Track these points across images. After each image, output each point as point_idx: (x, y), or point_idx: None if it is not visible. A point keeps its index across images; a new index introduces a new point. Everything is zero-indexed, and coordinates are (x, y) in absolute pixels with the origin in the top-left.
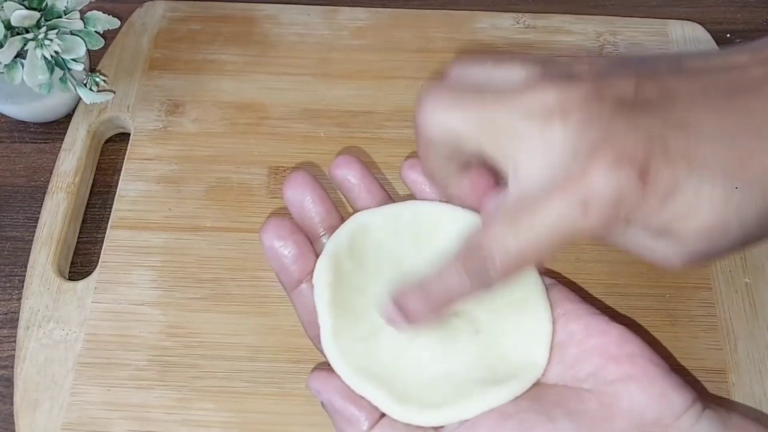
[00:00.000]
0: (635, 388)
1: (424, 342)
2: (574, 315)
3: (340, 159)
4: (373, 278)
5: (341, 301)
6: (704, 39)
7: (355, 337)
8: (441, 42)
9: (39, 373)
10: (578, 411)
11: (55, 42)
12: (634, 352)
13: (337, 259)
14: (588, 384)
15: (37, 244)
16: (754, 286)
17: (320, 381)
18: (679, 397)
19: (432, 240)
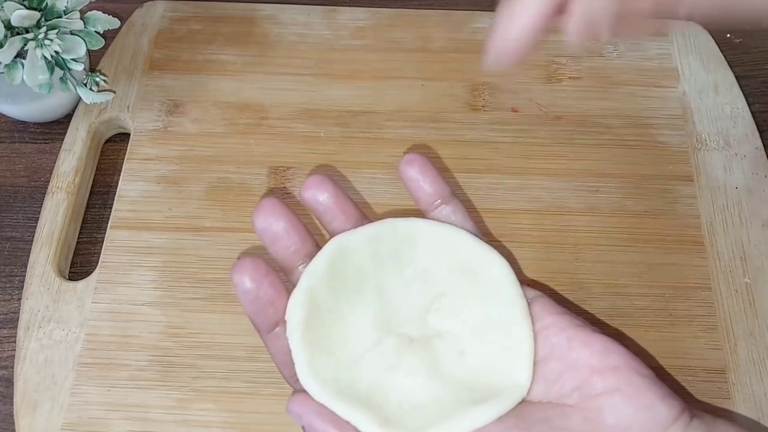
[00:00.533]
0: (620, 401)
1: (407, 367)
2: (557, 328)
3: (311, 180)
4: (354, 303)
5: (317, 335)
6: (704, 39)
7: (335, 368)
8: (441, 42)
9: (39, 374)
10: (562, 428)
11: (56, 42)
12: (619, 363)
13: (311, 294)
14: (572, 399)
15: (37, 244)
16: (753, 286)
17: (300, 404)
18: (666, 408)
19: (412, 259)
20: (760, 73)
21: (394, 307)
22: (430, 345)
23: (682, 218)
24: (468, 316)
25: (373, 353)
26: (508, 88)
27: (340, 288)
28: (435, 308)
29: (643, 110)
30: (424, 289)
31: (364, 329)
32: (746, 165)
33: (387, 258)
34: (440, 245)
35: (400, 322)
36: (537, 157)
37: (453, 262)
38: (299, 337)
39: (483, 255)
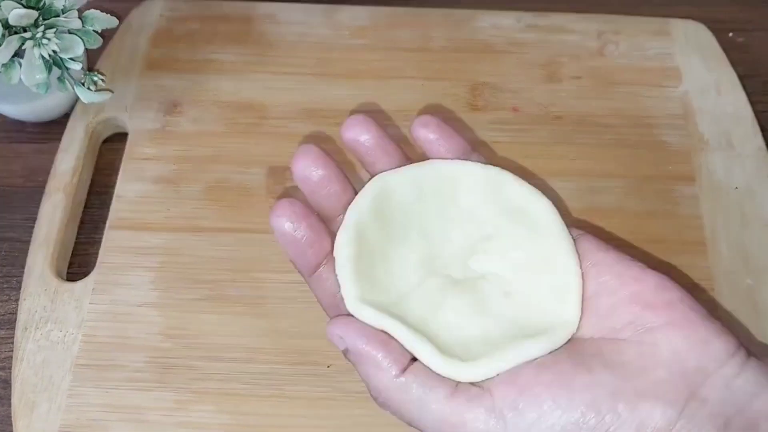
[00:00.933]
0: (675, 334)
1: (453, 306)
2: (605, 264)
3: (352, 120)
4: (398, 243)
5: (365, 271)
6: (706, 38)
7: (383, 304)
8: (441, 41)
9: (36, 375)
10: (616, 361)
11: (53, 41)
12: (673, 299)
13: (358, 230)
14: (625, 334)
15: (34, 244)
16: (756, 287)
17: (342, 326)
18: (722, 343)
19: (455, 200)
20: (763, 72)
21: (437, 249)
22: (476, 286)
23: (683, 219)
24: (513, 257)
25: (418, 292)
26: (509, 88)
27: (385, 227)
28: (480, 250)
29: (644, 110)
30: (469, 231)
31: (408, 269)
32: (748, 165)
33: (431, 199)
34: (483, 187)
35: (445, 263)
36: (537, 156)
37: (497, 203)
38: (349, 272)
39: (527, 195)
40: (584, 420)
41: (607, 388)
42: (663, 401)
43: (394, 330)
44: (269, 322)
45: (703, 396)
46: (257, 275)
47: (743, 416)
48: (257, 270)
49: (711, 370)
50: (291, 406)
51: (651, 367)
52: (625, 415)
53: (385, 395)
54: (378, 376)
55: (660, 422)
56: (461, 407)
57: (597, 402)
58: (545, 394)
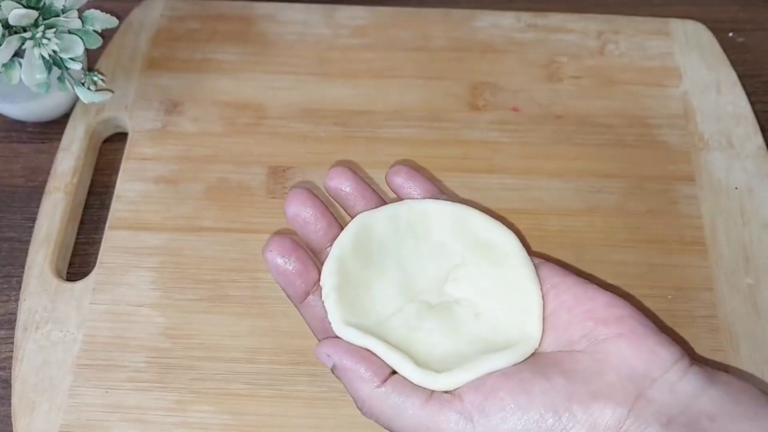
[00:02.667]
0: (624, 344)
1: (429, 327)
2: (564, 286)
3: (334, 171)
4: (378, 274)
5: (349, 299)
6: (706, 38)
7: (366, 327)
8: (441, 41)
9: (37, 375)
10: (571, 369)
11: (53, 41)
12: (623, 314)
13: (341, 262)
14: (580, 345)
15: (34, 244)
16: (756, 287)
17: (329, 346)
18: (666, 352)
19: (428, 235)
20: (763, 72)
21: (414, 279)
22: (449, 310)
23: (683, 218)
24: (482, 283)
25: (398, 317)
26: (509, 88)
27: (366, 259)
28: (452, 278)
29: (644, 110)
30: (441, 262)
31: (388, 297)
32: (748, 165)
33: (405, 234)
34: (452, 221)
35: (421, 291)
36: (537, 156)
37: (465, 236)
38: (333, 300)
39: (491, 228)
40: (543, 420)
41: (563, 392)
42: (613, 401)
43: (376, 347)
44: (269, 322)
45: (649, 397)
46: (257, 275)
47: (685, 414)
48: (257, 270)
49: (656, 375)
50: (291, 406)
51: (602, 372)
52: (579, 415)
53: (368, 404)
54: (361, 387)
55: (611, 420)
56: (435, 412)
57: (554, 404)
58: (508, 398)
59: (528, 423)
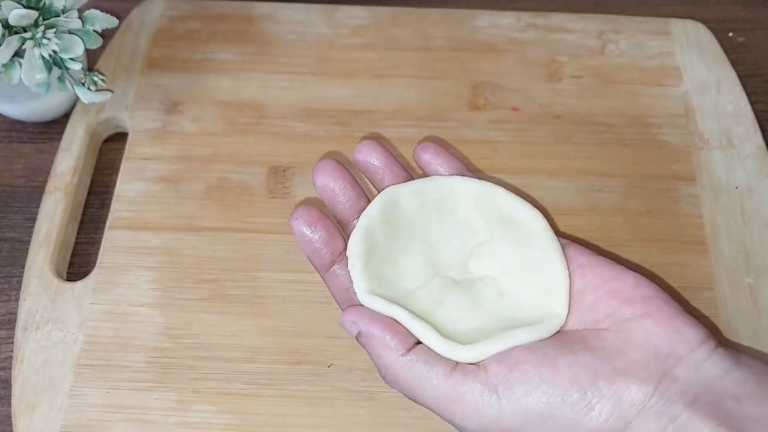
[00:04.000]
0: (650, 323)
1: (453, 303)
2: (590, 266)
3: (363, 144)
4: (404, 247)
5: (375, 270)
6: (706, 38)
7: (390, 298)
8: (441, 40)
9: (37, 375)
10: (597, 346)
11: (53, 41)
12: (649, 294)
13: (369, 233)
14: (606, 324)
15: (35, 244)
16: (756, 286)
17: (355, 313)
18: (693, 332)
19: (454, 210)
20: (763, 71)
21: (439, 254)
22: (473, 287)
23: (684, 218)
24: (506, 261)
25: (422, 291)
26: (509, 87)
27: (392, 232)
28: (476, 255)
29: (644, 109)
30: (466, 238)
31: (413, 270)
32: (749, 164)
33: (432, 209)
34: (478, 198)
35: (445, 266)
36: (538, 156)
37: (491, 214)
38: (360, 269)
39: (518, 206)
40: (568, 394)
41: (589, 367)
42: (638, 379)
43: (402, 316)
44: (270, 322)
45: (674, 375)
46: (257, 275)
47: (710, 394)
48: (257, 270)
49: (682, 354)
50: (291, 405)
51: (628, 350)
52: (605, 390)
53: (392, 372)
54: (386, 355)
55: (636, 397)
56: (459, 383)
57: (579, 379)
58: (533, 371)
59: (553, 396)
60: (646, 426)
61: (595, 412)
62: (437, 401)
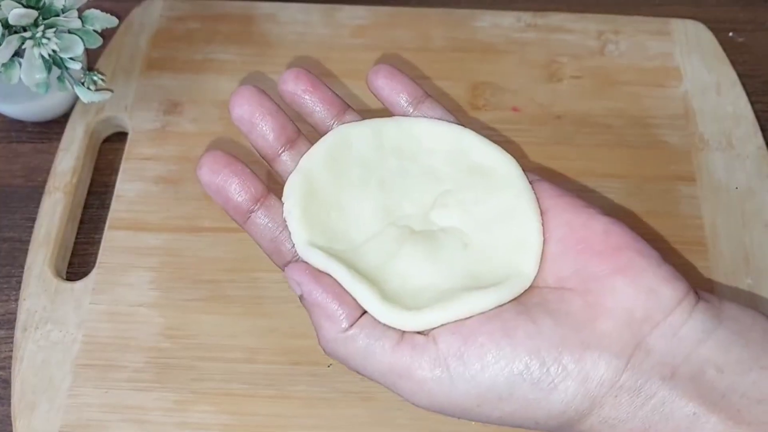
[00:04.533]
0: (621, 283)
1: (408, 255)
2: (556, 210)
3: (288, 73)
4: (354, 194)
5: (316, 218)
6: (706, 38)
7: (335, 251)
8: (441, 41)
9: (36, 375)
10: (562, 311)
11: (53, 41)
12: (621, 244)
13: (309, 175)
14: (572, 283)
15: (34, 244)
16: (756, 287)
17: (299, 271)
18: (670, 290)
19: (418, 155)
20: (763, 72)
21: (397, 201)
22: (433, 238)
23: (684, 218)
24: (474, 211)
25: (374, 242)
26: (509, 88)
27: (341, 176)
28: (440, 204)
29: (644, 110)
30: (429, 186)
31: (364, 219)
32: (749, 165)
33: (391, 152)
34: (445, 143)
35: (403, 215)
36: (538, 156)
37: (459, 160)
38: (297, 217)
39: (488, 151)
40: (528, 371)
41: (552, 339)
42: (609, 352)
43: (340, 274)
44: (269, 322)
45: (649, 346)
46: (257, 275)
47: (689, 365)
48: (257, 270)
49: (658, 319)
50: (291, 406)
51: (596, 318)
52: (570, 367)
53: (333, 345)
54: (328, 327)
55: (606, 374)
56: (406, 357)
57: (541, 353)
58: (489, 344)
59: (511, 374)
60: (618, 406)
61: (560, 391)
62: (384, 377)
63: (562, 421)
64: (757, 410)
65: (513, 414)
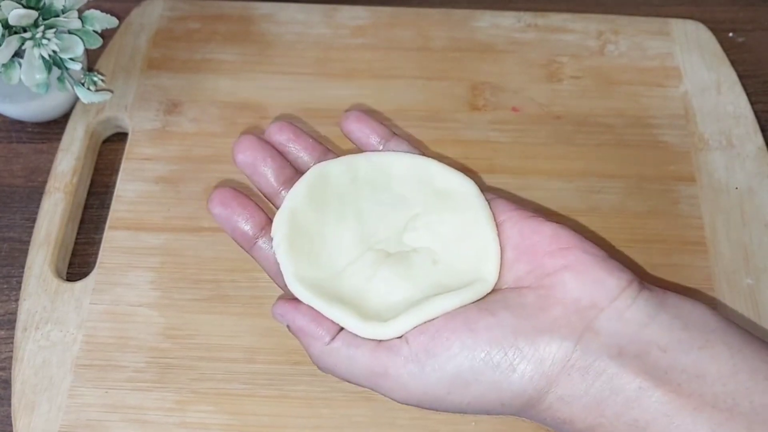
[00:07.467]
0: (569, 276)
1: (384, 276)
2: (511, 222)
3: (272, 126)
4: (334, 225)
5: (302, 250)
6: (706, 38)
7: (319, 278)
8: (441, 41)
9: (37, 375)
10: (517, 304)
11: (53, 41)
12: (568, 245)
13: (293, 212)
14: (527, 281)
15: (34, 244)
16: (756, 287)
17: (282, 305)
18: (614, 280)
19: (387, 185)
20: (763, 72)
21: (372, 228)
22: (406, 258)
23: (684, 218)
24: (440, 231)
25: (354, 267)
26: (509, 88)
27: (322, 209)
28: (411, 228)
29: (644, 110)
30: (400, 212)
31: (344, 246)
32: (748, 165)
33: (364, 184)
34: (411, 173)
35: (379, 240)
36: (537, 156)
37: (425, 186)
38: (285, 249)
39: (449, 177)
40: (489, 357)
41: (508, 327)
42: (559, 335)
43: (319, 306)
44: (269, 323)
45: (597, 328)
46: (257, 275)
47: (635, 345)
48: (257, 270)
49: (603, 305)
50: (291, 406)
51: (547, 307)
52: (525, 350)
53: (322, 360)
54: (313, 345)
55: (558, 354)
56: (383, 358)
57: (499, 340)
58: (453, 337)
59: (475, 361)
60: (571, 383)
61: (518, 372)
62: (367, 379)
63: (524, 400)
64: (695, 384)
65: (481, 397)
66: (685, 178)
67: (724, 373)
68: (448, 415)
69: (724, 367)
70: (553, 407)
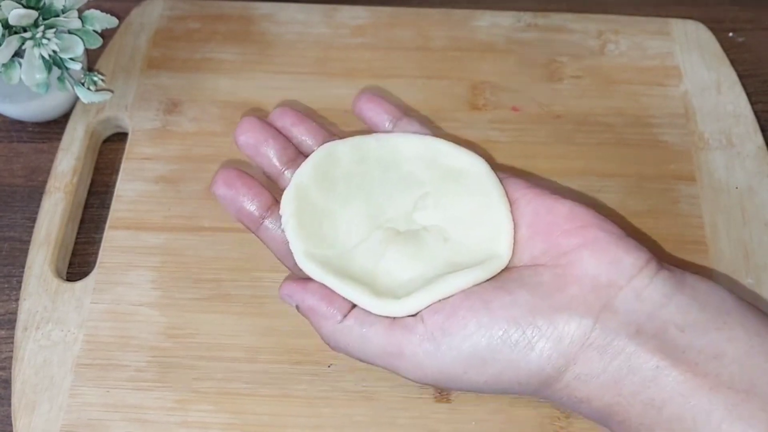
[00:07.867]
0: (586, 254)
1: (394, 254)
2: (525, 200)
3: (275, 112)
4: (343, 203)
5: (311, 228)
6: (706, 38)
7: (329, 256)
8: (441, 40)
9: (37, 375)
10: (534, 283)
11: (53, 41)
12: (585, 223)
13: (301, 190)
14: (543, 259)
15: (34, 244)
16: (756, 286)
17: (290, 287)
18: (632, 259)
19: (397, 164)
20: (763, 71)
21: (381, 207)
22: (417, 236)
23: (684, 218)
24: (451, 209)
25: (363, 245)
26: (509, 87)
27: (330, 188)
28: (421, 206)
29: (644, 109)
30: (410, 191)
31: (353, 226)
32: (748, 164)
33: (373, 163)
34: (421, 153)
35: (388, 219)
36: (537, 156)
37: (435, 166)
38: (294, 226)
39: (459, 155)
40: (507, 335)
41: (525, 306)
42: (577, 314)
43: (332, 283)
44: (270, 322)
45: (615, 307)
46: (258, 275)
47: (653, 324)
48: (257, 269)
49: (622, 283)
50: (291, 405)
51: (565, 285)
52: (544, 328)
53: (334, 338)
54: (325, 324)
55: (576, 332)
56: (398, 337)
57: (516, 318)
58: (469, 316)
59: (492, 339)
60: (589, 362)
61: (536, 350)
62: (381, 358)
63: (542, 379)
64: (712, 364)
65: (498, 376)
66: (685, 177)
67: (740, 354)
68: (448, 414)
69: (741, 349)
70: (570, 386)
